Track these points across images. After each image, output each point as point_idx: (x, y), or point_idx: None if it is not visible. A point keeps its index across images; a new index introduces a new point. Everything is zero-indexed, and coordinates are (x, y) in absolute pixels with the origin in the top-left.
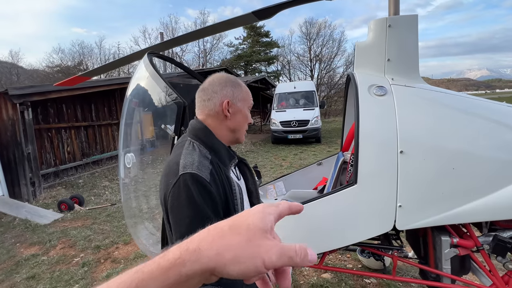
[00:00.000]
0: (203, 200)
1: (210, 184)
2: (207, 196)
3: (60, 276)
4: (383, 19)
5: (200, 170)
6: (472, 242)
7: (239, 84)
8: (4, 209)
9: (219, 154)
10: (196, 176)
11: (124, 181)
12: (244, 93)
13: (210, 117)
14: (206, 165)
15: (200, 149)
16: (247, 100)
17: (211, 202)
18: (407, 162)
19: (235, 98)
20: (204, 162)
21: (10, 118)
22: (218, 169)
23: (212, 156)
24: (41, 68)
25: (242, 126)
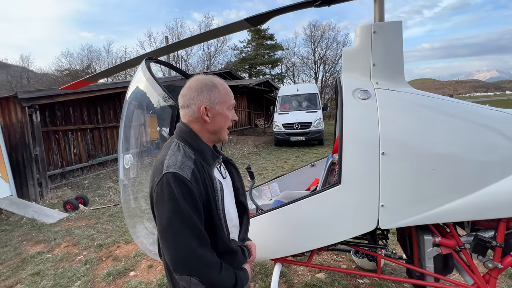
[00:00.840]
0: (183, 197)
1: (191, 182)
2: (187, 193)
3: (64, 273)
4: (368, 26)
5: (182, 170)
6: (454, 242)
7: (215, 87)
8: (12, 209)
9: (204, 155)
10: (177, 175)
11: (124, 182)
12: (222, 95)
13: (192, 122)
14: (188, 165)
15: (185, 149)
16: (225, 101)
17: (190, 199)
18: (388, 163)
19: (212, 102)
20: (187, 162)
21: (19, 121)
22: (201, 168)
23: (196, 156)
24: (50, 72)
25: (223, 127)
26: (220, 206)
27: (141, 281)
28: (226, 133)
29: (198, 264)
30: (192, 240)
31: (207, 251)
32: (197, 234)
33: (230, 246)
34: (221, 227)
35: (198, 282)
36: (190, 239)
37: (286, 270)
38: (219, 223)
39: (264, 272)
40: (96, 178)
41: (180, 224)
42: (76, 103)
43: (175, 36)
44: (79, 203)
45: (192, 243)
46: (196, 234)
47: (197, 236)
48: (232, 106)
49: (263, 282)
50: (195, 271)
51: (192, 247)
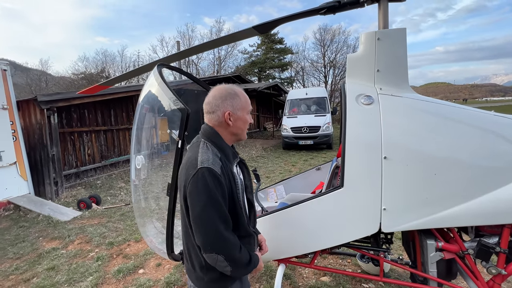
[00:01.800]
0: (215, 188)
1: (221, 176)
2: (218, 185)
3: (77, 269)
4: (372, 33)
5: (214, 165)
6: (457, 247)
7: (237, 95)
8: (30, 206)
9: (226, 153)
10: (211, 170)
11: (135, 182)
12: (243, 102)
13: (216, 126)
14: (218, 162)
15: (212, 149)
16: (245, 107)
17: (221, 190)
18: (390, 167)
19: (234, 109)
20: (216, 159)
21: (38, 122)
22: (226, 165)
23: (221, 154)
24: (67, 75)
25: (243, 129)
26: (241, 198)
27: (150, 279)
28: (245, 133)
29: (224, 245)
30: (220, 225)
31: (230, 233)
32: (224, 219)
33: (248, 230)
34: (242, 214)
35: (223, 259)
36: (219, 224)
37: (291, 272)
38: (240, 211)
39: (270, 274)
40: (108, 178)
41: (212, 210)
42: (91, 106)
43: (186, 41)
44: (92, 202)
45: (220, 227)
46: (223, 219)
47: (224, 221)
48: (250, 111)
49: (267, 284)
50: (221, 250)
51: (220, 230)
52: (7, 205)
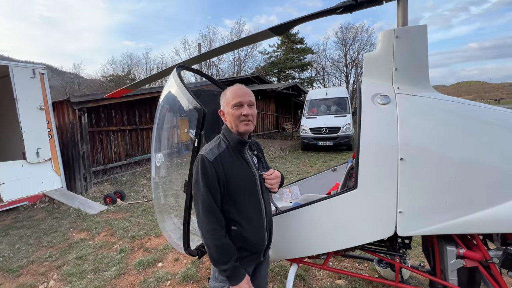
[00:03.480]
0: (201, 171)
1: (211, 163)
2: (204, 170)
3: (102, 259)
4: (390, 30)
5: (207, 153)
6: (480, 255)
7: (225, 93)
8: (62, 199)
9: (234, 143)
10: (202, 156)
11: (155, 180)
12: (227, 98)
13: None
14: (214, 151)
15: (220, 140)
16: (228, 102)
17: (204, 174)
18: (407, 169)
19: (222, 106)
20: (214, 149)
21: (70, 122)
22: (232, 152)
23: (229, 144)
24: (97, 78)
25: (233, 120)
26: (255, 172)
27: (168, 272)
28: (241, 126)
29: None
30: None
31: (209, 216)
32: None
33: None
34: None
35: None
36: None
37: (305, 273)
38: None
39: (283, 274)
40: (132, 176)
41: (195, 188)
42: (118, 106)
43: (207, 43)
44: (117, 198)
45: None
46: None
47: (203, 202)
48: (237, 103)
49: (281, 283)
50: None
51: (200, 209)
52: (43, 197)
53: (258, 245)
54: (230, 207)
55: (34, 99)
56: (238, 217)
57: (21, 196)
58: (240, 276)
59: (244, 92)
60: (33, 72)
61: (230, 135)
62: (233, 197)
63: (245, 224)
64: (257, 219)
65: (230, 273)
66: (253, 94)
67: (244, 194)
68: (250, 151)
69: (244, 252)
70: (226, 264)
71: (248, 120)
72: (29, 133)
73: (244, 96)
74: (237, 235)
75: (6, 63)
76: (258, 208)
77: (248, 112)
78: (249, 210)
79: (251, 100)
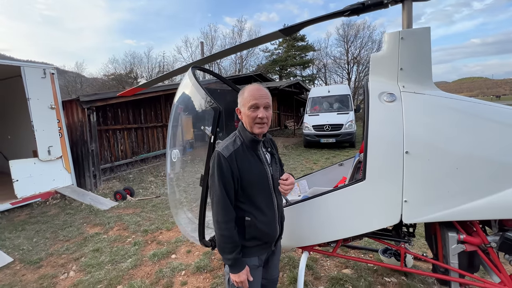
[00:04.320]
0: (217, 166)
1: (226, 159)
2: (219, 166)
3: (117, 251)
4: (396, 32)
5: (223, 150)
6: (479, 239)
7: (243, 92)
8: (74, 196)
9: (247, 141)
10: (218, 153)
11: (170, 175)
12: (243, 99)
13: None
14: (230, 148)
15: (236, 137)
16: (245, 104)
17: (220, 169)
18: (412, 161)
19: (239, 104)
20: (230, 146)
21: (80, 120)
22: (246, 148)
23: (243, 141)
24: (99, 77)
25: (248, 121)
26: (268, 170)
27: (182, 263)
28: (255, 128)
29: (215, 211)
30: (214, 196)
31: (223, 209)
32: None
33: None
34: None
35: (215, 234)
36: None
37: (313, 263)
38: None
39: (292, 264)
40: (139, 173)
41: (211, 181)
42: (124, 105)
43: (209, 41)
44: (127, 194)
45: (214, 198)
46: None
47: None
48: (253, 105)
49: (290, 272)
50: (214, 213)
51: (215, 199)
52: (55, 194)
53: (269, 235)
54: (244, 200)
55: (45, 99)
56: (251, 209)
57: (34, 193)
58: (241, 267)
59: (261, 94)
60: (44, 72)
61: (245, 133)
62: (247, 191)
63: (258, 215)
64: (269, 212)
65: (232, 262)
66: (270, 95)
67: (257, 189)
68: (264, 148)
69: (257, 241)
70: (230, 254)
71: (263, 122)
72: (41, 132)
73: (261, 98)
74: (251, 226)
75: (18, 64)
76: (270, 201)
77: (263, 115)
78: (261, 203)
79: (267, 102)
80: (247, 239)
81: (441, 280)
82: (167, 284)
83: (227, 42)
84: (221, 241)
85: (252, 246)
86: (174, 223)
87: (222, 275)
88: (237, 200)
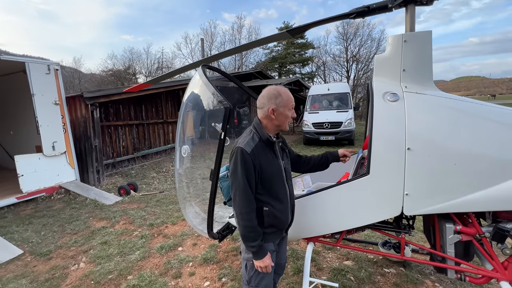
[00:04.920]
0: (241, 162)
1: (249, 155)
2: (243, 161)
3: (125, 244)
4: (399, 35)
5: (245, 146)
6: (474, 230)
7: (280, 95)
8: (78, 191)
9: (265, 139)
10: (242, 149)
11: (179, 171)
12: (284, 101)
13: (263, 118)
14: (251, 144)
15: (253, 134)
16: (287, 105)
17: (245, 164)
18: (413, 157)
19: (277, 105)
20: (251, 142)
21: (83, 116)
22: (264, 146)
23: (259, 139)
24: (97, 73)
25: (284, 122)
26: (281, 164)
27: (188, 255)
28: (287, 125)
29: (237, 203)
30: (237, 190)
31: (245, 200)
32: (240, 187)
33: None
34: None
35: (234, 214)
36: (237, 188)
37: (315, 256)
38: (273, 177)
39: (296, 256)
40: (141, 169)
41: (233, 177)
42: (125, 102)
43: (208, 37)
44: (131, 189)
45: (237, 191)
46: (241, 187)
47: (240, 188)
48: (292, 107)
49: (294, 264)
50: (236, 206)
51: (237, 192)
52: (59, 189)
53: (284, 223)
54: (263, 192)
55: (50, 95)
56: (269, 199)
57: (38, 188)
58: (264, 253)
59: (292, 97)
60: (48, 68)
61: (262, 132)
62: (265, 184)
63: (276, 205)
64: (284, 201)
65: (256, 249)
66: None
67: (274, 181)
68: (277, 144)
69: (273, 228)
70: (254, 242)
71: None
72: (45, 127)
73: (293, 101)
74: (269, 214)
75: (23, 59)
76: (284, 192)
77: (294, 115)
78: (278, 194)
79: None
80: (265, 227)
81: (438, 268)
82: (176, 274)
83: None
84: (245, 231)
85: (269, 232)
86: (179, 217)
87: (228, 266)
88: (256, 192)
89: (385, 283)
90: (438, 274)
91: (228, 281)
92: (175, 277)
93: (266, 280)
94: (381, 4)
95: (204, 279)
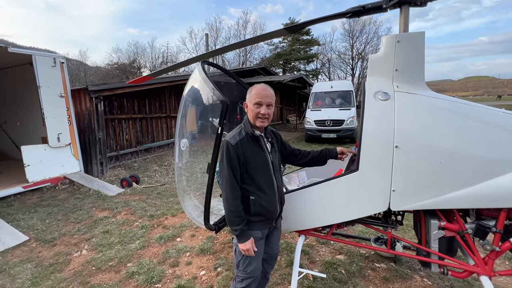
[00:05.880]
0: (226, 154)
1: (234, 147)
2: (228, 153)
3: (126, 234)
4: (393, 36)
5: (230, 139)
6: (457, 226)
7: (251, 90)
8: (82, 182)
9: (250, 133)
10: (227, 141)
11: (178, 164)
12: (251, 96)
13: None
14: (236, 138)
15: (242, 128)
16: (252, 100)
17: (228, 156)
18: (401, 155)
19: (247, 100)
20: (237, 136)
21: (88, 109)
22: (250, 140)
23: (247, 133)
24: (102, 66)
25: (252, 116)
26: (269, 157)
27: (186, 245)
28: (257, 122)
29: (225, 190)
30: (223, 178)
31: (231, 188)
32: (226, 176)
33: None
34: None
35: (224, 209)
36: (224, 178)
37: (309, 249)
38: (259, 169)
39: (289, 249)
40: (143, 162)
41: (220, 166)
42: (129, 95)
43: (213, 32)
44: (133, 181)
45: (224, 179)
46: (226, 176)
47: (225, 177)
48: (258, 102)
49: (288, 256)
50: (224, 193)
51: (224, 181)
52: (64, 180)
53: (271, 212)
54: (249, 182)
55: (55, 87)
56: (255, 189)
57: (44, 178)
58: (246, 237)
59: (266, 93)
60: (54, 61)
61: (247, 127)
62: (251, 175)
63: (261, 195)
64: (270, 192)
65: (239, 233)
66: (274, 95)
67: (260, 172)
68: (265, 138)
69: (260, 217)
70: (237, 226)
71: (264, 118)
72: (51, 119)
73: (265, 98)
74: (256, 203)
75: (29, 52)
76: (270, 183)
77: (265, 112)
78: (263, 185)
79: (270, 101)
80: (252, 215)
81: (423, 262)
82: (173, 263)
83: (231, 34)
84: (230, 215)
85: (256, 221)
86: (179, 209)
87: (224, 257)
88: (243, 182)
89: (375, 277)
90: (427, 270)
91: (223, 270)
92: (173, 265)
93: (254, 265)
94: (376, 4)
95: (200, 268)
